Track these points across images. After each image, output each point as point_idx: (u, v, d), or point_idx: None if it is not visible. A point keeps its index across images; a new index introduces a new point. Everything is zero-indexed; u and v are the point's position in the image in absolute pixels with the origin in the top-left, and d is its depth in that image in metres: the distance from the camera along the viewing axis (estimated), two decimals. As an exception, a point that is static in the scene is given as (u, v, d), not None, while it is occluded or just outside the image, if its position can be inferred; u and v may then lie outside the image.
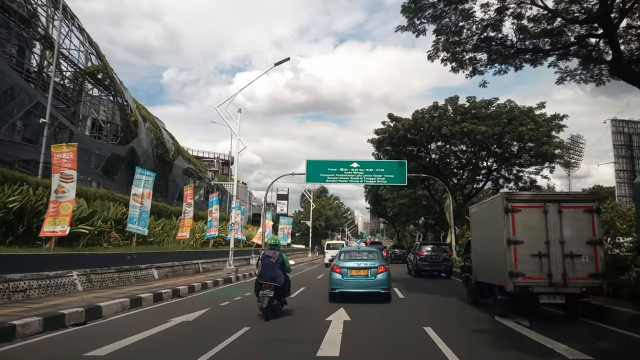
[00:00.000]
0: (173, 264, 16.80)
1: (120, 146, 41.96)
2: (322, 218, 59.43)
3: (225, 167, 77.21)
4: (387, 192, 47.32)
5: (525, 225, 8.89)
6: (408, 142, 31.77)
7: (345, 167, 30.58)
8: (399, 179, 30.55)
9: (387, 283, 11.79)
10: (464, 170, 34.31)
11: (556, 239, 8.77)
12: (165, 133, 54.10)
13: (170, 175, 52.84)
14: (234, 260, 23.22)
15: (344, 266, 11.85)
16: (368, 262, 11.97)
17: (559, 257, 8.71)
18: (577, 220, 8.84)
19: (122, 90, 42.81)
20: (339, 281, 11.69)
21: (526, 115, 27.85)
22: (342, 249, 14.49)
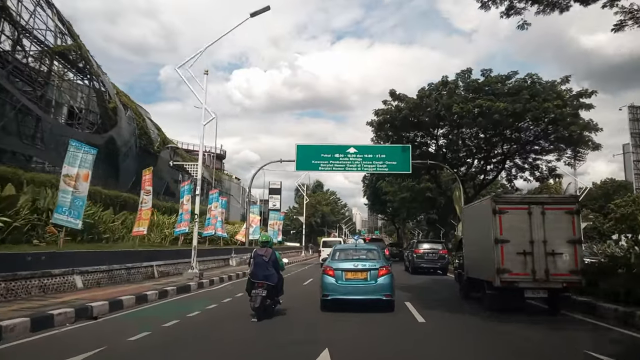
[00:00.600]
0: (111, 268, 12.53)
1: (97, 135, 37.74)
2: (318, 214, 55.11)
3: (217, 161, 72.83)
4: (387, 185, 43.15)
5: (511, 225, 9.46)
6: (412, 126, 27.55)
7: (340, 153, 26.37)
8: (402, 166, 26.34)
9: (389, 288, 9.46)
10: (474, 158, 30.10)
11: (539, 238, 9.34)
12: (149, 122, 49.71)
13: (156, 168, 48.34)
14: (204, 262, 19.00)
15: (339, 267, 9.60)
16: (367, 262, 9.76)
17: (542, 255, 9.28)
18: (559, 221, 9.41)
19: (99, 74, 38.53)
20: (332, 286, 9.45)
21: (550, 91, 23.67)
22: (337, 247, 11.75)
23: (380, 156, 26.45)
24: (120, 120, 39.33)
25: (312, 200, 57.20)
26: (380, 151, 26.71)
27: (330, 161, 26.47)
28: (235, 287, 14.50)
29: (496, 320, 8.72)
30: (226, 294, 12.17)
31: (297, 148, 26.84)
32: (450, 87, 24.81)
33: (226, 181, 68.15)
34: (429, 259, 22.19)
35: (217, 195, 24.84)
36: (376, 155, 26.47)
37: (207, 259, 20.10)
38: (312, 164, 26.56)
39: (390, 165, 26.45)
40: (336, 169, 26.58)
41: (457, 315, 9.59)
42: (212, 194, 24.98)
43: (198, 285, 13.86)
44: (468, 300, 11.70)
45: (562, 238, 9.31)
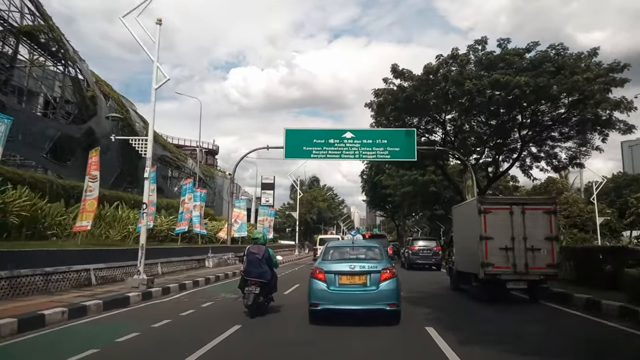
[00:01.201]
0: (15, 274, 8.97)
1: (74, 126, 34.30)
2: (314, 210, 51.40)
3: (210, 157, 69.28)
4: (388, 179, 39.58)
5: (495, 224, 10.36)
6: (417, 108, 23.96)
7: (336, 139, 22.79)
8: (406, 153, 22.79)
9: (394, 296, 7.51)
10: (486, 146, 26.54)
11: (520, 235, 10.27)
12: (133, 114, 46.05)
13: (141, 162, 44.77)
14: (169, 264, 15.47)
15: (331, 270, 7.62)
16: (367, 263, 7.78)
17: (522, 250, 10.22)
18: (538, 220, 10.37)
19: (76, 59, 34.95)
20: (323, 293, 7.48)
21: (579, 63, 20.16)
22: (330, 244, 9.26)
23: (381, 141, 22.89)
24: (100, 110, 35.94)
25: (308, 196, 53.62)
26: (380, 136, 23.14)
27: (323, 147, 22.91)
28: (194, 297, 10.98)
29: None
30: (170, 313, 8.60)
31: (285, 133, 23.24)
32: (462, 59, 21.21)
33: (219, 177, 64.60)
34: (424, 255, 23.14)
35: (191, 185, 21.26)
36: (376, 141, 22.91)
37: (174, 260, 16.58)
38: (304, 150, 22.99)
39: (393, 152, 22.89)
40: (330, 156, 23.01)
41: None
42: (185, 184, 21.44)
43: (142, 297, 10.30)
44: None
45: (541, 235, 10.21)
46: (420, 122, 25.61)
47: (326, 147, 22.91)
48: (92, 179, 13.89)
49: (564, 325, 7.99)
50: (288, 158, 23.26)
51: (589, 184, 67.07)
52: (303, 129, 23.54)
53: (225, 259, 21.06)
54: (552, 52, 20.71)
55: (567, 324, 8.10)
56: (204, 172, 60.57)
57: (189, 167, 58.44)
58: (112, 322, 7.79)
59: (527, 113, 23.80)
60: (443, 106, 24.32)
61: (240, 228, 27.64)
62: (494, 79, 20.15)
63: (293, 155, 23.35)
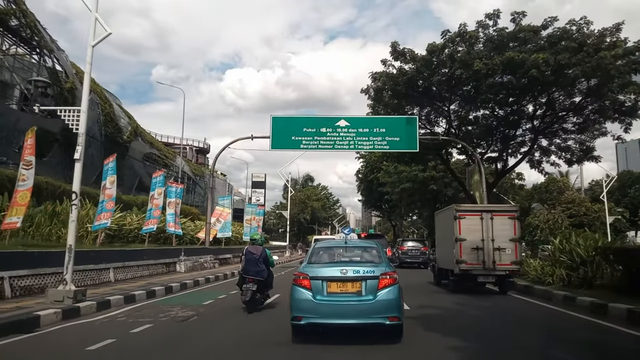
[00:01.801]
0: None
1: (51, 119, 31.52)
2: (308, 210, 48.53)
3: (201, 156, 66.42)
4: (385, 176, 36.97)
5: (468, 227, 12.03)
6: (418, 96, 21.41)
7: (328, 127, 20.12)
8: (407, 143, 20.17)
9: (396, 307, 5.86)
10: (493, 139, 23.97)
11: (489, 237, 11.95)
12: (118, 109, 43.15)
13: (126, 160, 41.94)
14: (127, 269, 12.71)
15: (318, 275, 5.97)
16: (362, 267, 6.08)
17: (490, 250, 11.87)
18: (503, 224, 12.05)
19: (53, 49, 32.17)
20: (308, 304, 5.81)
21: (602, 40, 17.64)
22: (318, 244, 7.55)
23: (379, 130, 20.22)
24: (81, 104, 33.01)
25: (301, 195, 50.83)
26: (378, 124, 20.47)
27: (315, 137, 20.23)
28: (134, 315, 8.22)
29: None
30: (78, 344, 5.86)
31: (272, 121, 20.55)
32: (471, 35, 18.60)
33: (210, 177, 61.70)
34: (412, 255, 24.22)
35: (162, 179, 18.41)
36: (373, 130, 20.24)
37: (133, 264, 13.80)
38: (292, 140, 20.29)
39: (392, 142, 20.23)
40: (322, 146, 20.33)
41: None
42: (155, 177, 18.63)
43: (63, 315, 7.50)
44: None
45: (506, 237, 11.98)
46: (422, 112, 23.05)
47: (318, 137, 20.25)
48: (27, 166, 11.12)
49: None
50: (275, 149, 20.55)
51: (591, 182, 64.80)
52: (292, 116, 20.90)
53: (201, 262, 18.30)
54: (573, 29, 18.14)
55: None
56: (193, 171, 57.73)
57: (177, 166, 55.66)
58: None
59: (541, 101, 21.29)
60: (447, 94, 21.76)
61: (224, 228, 24.87)
62: (507, 58, 17.62)
63: (280, 146, 20.64)
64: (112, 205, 14.81)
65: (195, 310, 8.83)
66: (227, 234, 25.01)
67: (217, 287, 13.46)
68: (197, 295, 11.30)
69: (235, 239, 29.09)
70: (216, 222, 23.06)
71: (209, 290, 12.52)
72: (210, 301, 10.08)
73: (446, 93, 21.85)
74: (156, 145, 52.62)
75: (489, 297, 11.68)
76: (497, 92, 19.88)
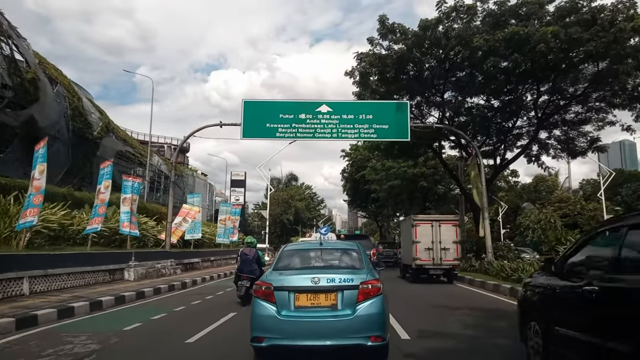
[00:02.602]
0: None
1: (10, 112, 28.38)
2: (291, 211, 45.75)
3: (180, 155, 63.08)
4: (372, 173, 34.49)
5: (422, 233, 15.67)
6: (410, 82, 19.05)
7: (308, 113, 17.56)
8: (397, 132, 17.74)
9: (379, 324, 4.75)
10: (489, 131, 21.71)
11: (437, 240, 15.57)
12: (88, 103, 39.80)
13: (96, 158, 38.69)
14: (50, 278, 9.90)
15: (284, 285, 4.85)
16: (338, 274, 4.95)
17: (438, 249, 15.48)
18: (448, 230, 15.81)
19: (11, 35, 28.93)
20: (271, 322, 4.71)
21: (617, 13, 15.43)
22: (287, 246, 6.26)
23: (366, 117, 17.70)
24: (44, 96, 30.00)
25: (284, 195, 48.12)
26: (365, 110, 17.94)
27: (292, 124, 17.61)
28: (14, 353, 5.53)
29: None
30: None
31: (243, 106, 17.87)
32: (470, 7, 16.24)
33: (189, 176, 58.62)
34: (386, 256, 26.01)
35: (109, 170, 15.47)
36: (359, 116, 17.71)
37: (64, 272, 10.98)
38: (267, 128, 17.64)
39: (380, 130, 17.72)
40: (301, 135, 17.72)
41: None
42: (103, 167, 15.75)
43: None
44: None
45: (450, 240, 15.66)
46: (412, 101, 20.64)
47: (296, 124, 17.65)
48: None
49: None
50: (247, 138, 17.86)
51: (582, 182, 63.41)
52: (266, 100, 18.22)
53: (158, 269, 15.51)
54: (583, 2, 15.90)
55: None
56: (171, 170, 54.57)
57: (154, 164, 52.41)
58: None
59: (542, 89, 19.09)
60: (440, 80, 19.42)
61: (194, 229, 22.07)
62: (510, 33, 15.29)
63: (253, 135, 17.97)
64: (40, 199, 11.99)
65: (104, 341, 6.14)
66: (197, 235, 22.20)
67: (165, 301, 10.74)
68: (126, 315, 8.56)
69: (209, 240, 26.33)
70: (182, 222, 20.27)
71: (152, 306, 9.79)
72: (136, 325, 7.37)
73: (439, 79, 19.53)
74: (130, 142, 49.31)
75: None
76: (495, 77, 17.58)
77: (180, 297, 11.29)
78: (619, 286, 3.25)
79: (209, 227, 27.62)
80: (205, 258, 21.88)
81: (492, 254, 17.32)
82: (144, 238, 19.41)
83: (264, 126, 17.62)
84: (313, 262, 5.62)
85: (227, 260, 25.49)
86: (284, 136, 17.74)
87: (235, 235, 28.03)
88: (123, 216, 17.05)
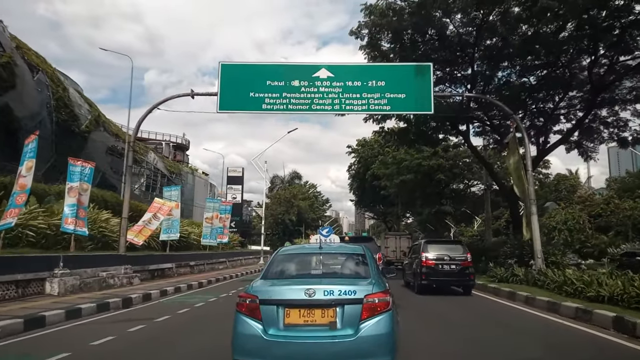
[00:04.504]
0: None
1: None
2: (293, 210, 41.59)
3: (179, 152, 59.43)
4: (381, 167, 30.27)
5: (390, 241, 26.67)
6: (433, 43, 14.92)
7: (303, 79, 13.41)
8: (417, 103, 13.52)
9: (387, 347, 3.75)
10: (532, 107, 17.46)
11: (398, 247, 25.73)
12: (75, 94, 36.01)
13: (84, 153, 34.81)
14: None
15: (272, 299, 3.89)
16: (337, 285, 3.93)
17: (398, 252, 25.15)
18: (404, 241, 25.93)
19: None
20: (257, 342, 3.74)
21: None
22: (282, 250, 5.16)
23: (377, 84, 13.50)
24: (22, 83, 26.43)
25: (287, 194, 44.00)
26: (375, 74, 13.73)
27: (283, 94, 13.48)
28: None
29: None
30: None
31: (221, 70, 13.79)
32: None
33: (189, 175, 54.72)
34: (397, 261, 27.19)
35: (33, 147, 11.32)
36: (368, 83, 13.51)
37: None
38: (250, 98, 13.52)
39: (396, 100, 13.50)
40: (294, 107, 13.58)
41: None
42: (28, 143, 11.77)
43: None
44: None
45: (405, 246, 24.02)
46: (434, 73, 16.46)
47: (288, 94, 13.50)
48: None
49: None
50: (224, 110, 13.79)
51: (609, 178, 58.48)
52: (250, 63, 14.04)
53: (103, 278, 11.46)
54: None
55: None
56: (168, 168, 50.74)
57: (149, 161, 48.56)
58: None
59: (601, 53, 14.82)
60: (471, 40, 15.26)
61: (170, 227, 18.04)
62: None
63: (233, 106, 13.86)
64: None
65: None
66: (173, 236, 18.15)
67: (63, 334, 6.64)
68: None
69: (197, 242, 22.30)
70: (152, 220, 16.24)
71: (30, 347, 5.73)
72: None
73: (468, 37, 15.33)
74: (123, 137, 45.49)
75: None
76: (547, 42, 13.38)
77: (101, 326, 7.22)
78: None
79: (199, 227, 23.69)
80: (182, 263, 17.82)
81: (542, 260, 13.04)
82: (103, 239, 15.40)
83: (246, 96, 13.51)
84: (309, 269, 4.61)
85: (214, 265, 21.38)
86: (272, 108, 13.58)
87: (225, 237, 23.89)
88: (67, 210, 12.99)
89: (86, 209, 13.80)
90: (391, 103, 13.51)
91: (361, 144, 41.72)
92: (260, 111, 13.70)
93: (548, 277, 11.79)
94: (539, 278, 12.23)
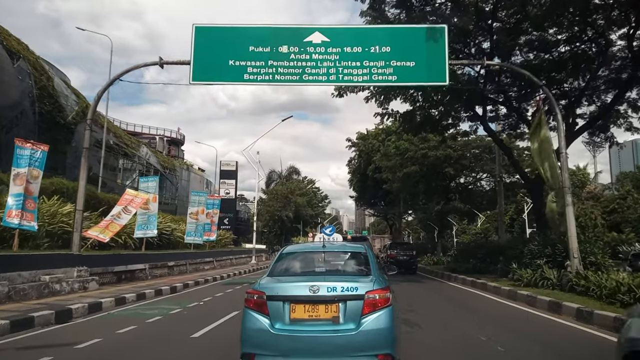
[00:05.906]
0: None
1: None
2: (290, 207, 39.21)
3: (174, 147, 57.10)
4: (383, 159, 27.92)
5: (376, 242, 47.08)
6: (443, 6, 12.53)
7: (293, 45, 10.93)
8: (429, 73, 11.18)
9: (387, 340, 3.93)
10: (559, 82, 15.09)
11: (380, 245, 42.03)
12: (61, 84, 33.59)
13: (71, 146, 32.56)
14: None
15: (278, 294, 4.11)
16: (340, 282, 4.17)
17: (376, 248, 37.62)
18: (380, 242, 45.97)
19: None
20: (263, 336, 3.95)
21: None
22: (286, 249, 5.23)
23: (381, 49, 11.16)
24: (1, 71, 24.28)
25: (284, 189, 41.66)
26: (379, 38, 11.38)
27: (269, 62, 11.14)
28: None
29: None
30: None
31: (194, 34, 11.45)
32: None
33: (183, 170, 52.36)
34: (401, 261, 26.23)
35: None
36: (370, 49, 11.16)
37: None
38: (230, 67, 11.19)
39: (403, 69, 11.16)
40: (282, 78, 11.24)
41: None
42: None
43: None
44: None
45: (382, 245, 39.02)
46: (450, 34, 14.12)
47: (275, 62, 11.15)
48: None
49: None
50: (198, 82, 11.47)
51: (620, 174, 56.03)
52: (229, 25, 11.69)
53: (45, 282, 9.14)
54: None
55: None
56: (162, 163, 48.39)
57: (142, 156, 46.24)
58: None
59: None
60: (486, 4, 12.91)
61: (147, 223, 15.72)
62: None
63: (209, 77, 11.52)
64: None
65: None
66: (149, 233, 15.83)
67: None
68: None
69: (181, 240, 20.00)
70: (122, 213, 13.92)
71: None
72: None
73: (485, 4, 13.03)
74: (114, 131, 43.14)
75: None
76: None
77: None
78: None
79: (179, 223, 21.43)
80: (159, 263, 15.45)
81: (579, 261, 10.71)
82: (64, 235, 13.07)
83: (225, 64, 11.18)
84: (313, 267, 4.86)
85: (198, 265, 19.03)
86: (255, 79, 11.22)
87: (212, 234, 21.53)
88: (11, 201, 10.75)
89: (36, 199, 11.49)
90: (398, 72, 11.15)
91: (362, 137, 39.40)
92: (241, 82, 11.38)
93: (591, 281, 9.48)
94: (577, 282, 9.94)
